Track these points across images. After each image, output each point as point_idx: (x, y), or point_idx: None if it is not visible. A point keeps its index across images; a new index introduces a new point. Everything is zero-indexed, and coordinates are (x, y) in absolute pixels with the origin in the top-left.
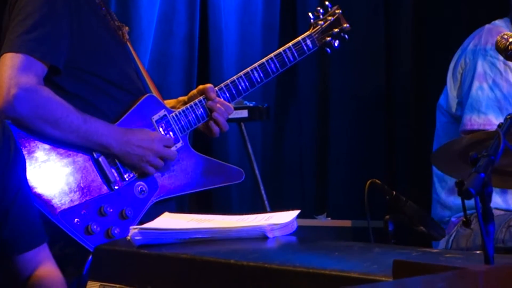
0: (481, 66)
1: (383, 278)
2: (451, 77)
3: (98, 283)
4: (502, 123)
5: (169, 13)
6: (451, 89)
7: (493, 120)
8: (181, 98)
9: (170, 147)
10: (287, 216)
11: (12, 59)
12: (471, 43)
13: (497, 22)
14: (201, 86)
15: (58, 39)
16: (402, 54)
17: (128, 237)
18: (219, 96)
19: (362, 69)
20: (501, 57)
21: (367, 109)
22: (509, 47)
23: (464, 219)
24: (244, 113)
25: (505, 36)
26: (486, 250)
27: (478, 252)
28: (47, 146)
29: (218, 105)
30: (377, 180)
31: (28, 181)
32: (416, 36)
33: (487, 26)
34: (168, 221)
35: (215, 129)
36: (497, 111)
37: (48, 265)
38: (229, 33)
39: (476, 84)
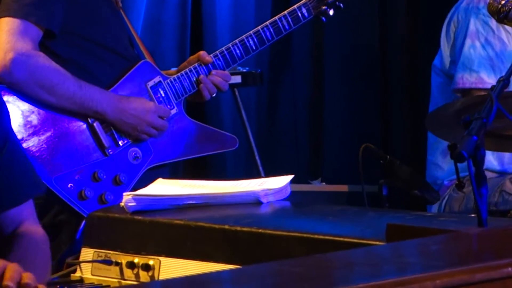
0: (473, 24)
1: (377, 242)
2: (444, 36)
3: (92, 250)
4: (494, 85)
5: None
6: (445, 48)
7: (485, 79)
8: (181, 66)
9: (164, 117)
10: (281, 181)
11: (8, 24)
12: (464, 2)
13: None
14: (197, 54)
15: (53, 3)
16: (396, 18)
17: (122, 204)
18: (214, 63)
19: (356, 34)
20: None
21: (361, 74)
22: (501, 10)
23: (457, 182)
24: (237, 79)
25: None
26: (480, 213)
27: (471, 215)
28: (42, 112)
29: (217, 78)
30: (371, 145)
31: (24, 145)
32: None
33: None
34: (162, 187)
35: (205, 93)
36: (489, 69)
37: (30, 220)
38: None
39: (468, 42)
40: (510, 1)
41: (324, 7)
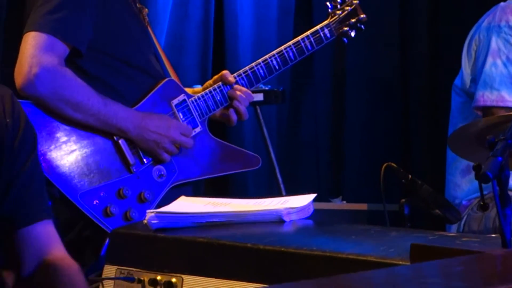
0: (495, 42)
1: (400, 262)
2: (465, 54)
3: (115, 267)
4: None
5: None
6: (466, 66)
7: (506, 97)
8: (206, 84)
9: (187, 135)
10: (304, 200)
11: (35, 38)
12: (485, 20)
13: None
14: (220, 73)
15: (81, 21)
16: (417, 36)
17: (145, 221)
18: (237, 82)
19: (377, 51)
20: None
21: (382, 91)
22: None
23: (482, 203)
24: (259, 97)
25: None
26: (503, 234)
27: (494, 235)
28: (67, 127)
29: (238, 92)
30: (393, 164)
31: (49, 161)
32: (431, 17)
33: (501, 4)
34: (185, 204)
35: (234, 117)
36: (510, 87)
37: (59, 249)
38: (244, 16)
39: (489, 60)
40: None
41: (346, 28)
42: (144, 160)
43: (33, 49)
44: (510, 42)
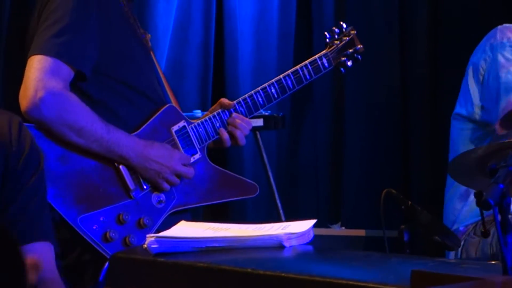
0: (501, 56)
1: None
2: (472, 81)
3: None
4: None
5: (185, 22)
6: (474, 94)
7: None
8: (205, 114)
9: (187, 165)
10: (304, 225)
11: (40, 62)
12: (487, 44)
13: (508, 24)
14: (218, 101)
15: (86, 44)
16: (417, 61)
17: (145, 245)
18: (236, 109)
19: (377, 77)
20: None
21: (382, 117)
22: None
23: (483, 230)
24: (259, 122)
25: None
26: (504, 261)
27: (494, 262)
28: (69, 152)
29: (237, 120)
30: (392, 190)
31: (49, 185)
32: (431, 42)
33: (498, 27)
34: (185, 229)
35: (227, 138)
36: None
37: (50, 272)
38: (244, 41)
39: (503, 71)
40: None
41: (343, 58)
42: (144, 186)
43: (39, 73)
44: None
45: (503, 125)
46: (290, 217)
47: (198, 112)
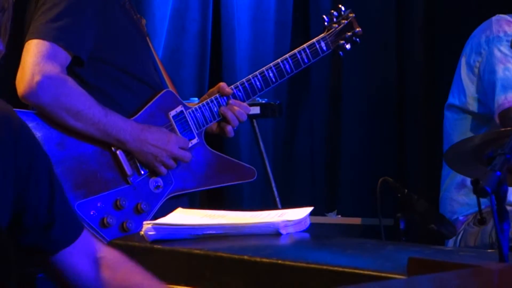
0: (498, 51)
1: (397, 276)
2: (466, 73)
3: None
4: None
5: (182, 10)
6: (468, 86)
7: None
8: (203, 98)
9: (185, 148)
10: (301, 213)
11: (37, 46)
12: (483, 36)
13: (502, 15)
14: (217, 85)
15: (83, 29)
16: (413, 52)
17: (142, 232)
18: (234, 94)
19: (373, 66)
20: None
21: (378, 106)
22: None
23: (480, 217)
24: (256, 110)
25: None
26: (501, 248)
27: (490, 250)
28: (66, 137)
29: (235, 107)
30: (389, 178)
31: None
32: (428, 32)
33: (493, 18)
34: (182, 216)
35: (228, 128)
36: None
37: (100, 244)
38: (241, 30)
39: (500, 67)
40: None
41: (342, 42)
42: (141, 171)
43: (36, 57)
44: None
45: (500, 121)
46: (287, 205)
47: (195, 100)
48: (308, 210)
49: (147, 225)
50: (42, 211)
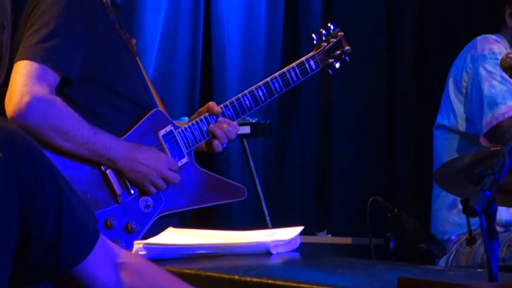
0: (483, 69)
1: None
2: (454, 93)
3: None
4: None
5: (173, 30)
6: (456, 105)
7: None
8: (192, 117)
9: (174, 170)
10: (291, 233)
11: (25, 67)
12: (468, 55)
13: (487, 35)
14: (207, 104)
15: (72, 50)
16: (403, 70)
17: (133, 252)
18: (224, 113)
19: (363, 84)
20: (500, 57)
21: (369, 125)
22: None
23: (469, 237)
24: (246, 129)
25: (510, 55)
26: (490, 268)
27: (480, 270)
28: (55, 157)
29: (224, 125)
30: (379, 198)
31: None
32: (417, 51)
33: (477, 38)
34: (172, 236)
35: (216, 142)
36: None
37: (118, 248)
38: (232, 49)
39: (485, 84)
40: None
41: (331, 60)
42: (131, 190)
43: (24, 78)
44: (499, 65)
45: (488, 138)
46: (277, 224)
47: (186, 119)
48: (298, 229)
49: (138, 244)
50: (49, 229)
